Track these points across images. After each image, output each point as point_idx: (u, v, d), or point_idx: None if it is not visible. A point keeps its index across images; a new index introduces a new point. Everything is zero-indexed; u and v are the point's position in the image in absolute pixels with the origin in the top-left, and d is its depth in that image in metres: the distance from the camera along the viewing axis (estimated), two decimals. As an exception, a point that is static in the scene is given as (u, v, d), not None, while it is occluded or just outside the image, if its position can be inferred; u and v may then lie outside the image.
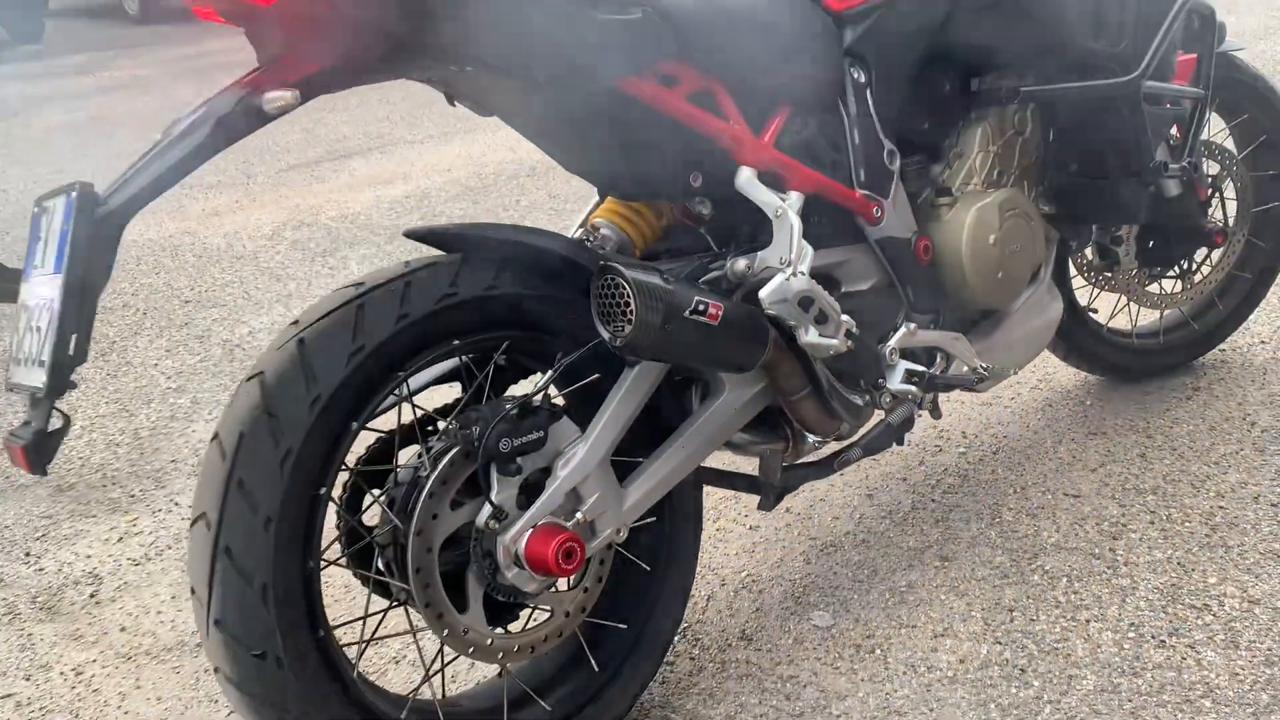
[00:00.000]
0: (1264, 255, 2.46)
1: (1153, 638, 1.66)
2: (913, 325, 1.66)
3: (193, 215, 4.50)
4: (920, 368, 1.63)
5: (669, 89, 1.39)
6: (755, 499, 1.89)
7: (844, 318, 1.47)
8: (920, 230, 1.68)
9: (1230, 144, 2.43)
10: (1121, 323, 2.45)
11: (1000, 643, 1.68)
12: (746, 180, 1.46)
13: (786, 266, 1.41)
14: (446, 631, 1.30)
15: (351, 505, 1.37)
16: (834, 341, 1.45)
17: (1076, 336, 2.31)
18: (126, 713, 1.67)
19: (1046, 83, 1.80)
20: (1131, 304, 2.38)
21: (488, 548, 1.31)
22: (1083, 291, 2.38)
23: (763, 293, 1.39)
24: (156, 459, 2.47)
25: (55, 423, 1.10)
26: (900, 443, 1.70)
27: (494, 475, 1.30)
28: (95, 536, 2.16)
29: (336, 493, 1.31)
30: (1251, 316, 2.62)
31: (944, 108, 1.71)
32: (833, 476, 2.17)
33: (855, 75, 1.59)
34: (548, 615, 1.40)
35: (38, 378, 1.08)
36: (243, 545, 1.17)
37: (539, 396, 1.33)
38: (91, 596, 1.97)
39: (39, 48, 10.60)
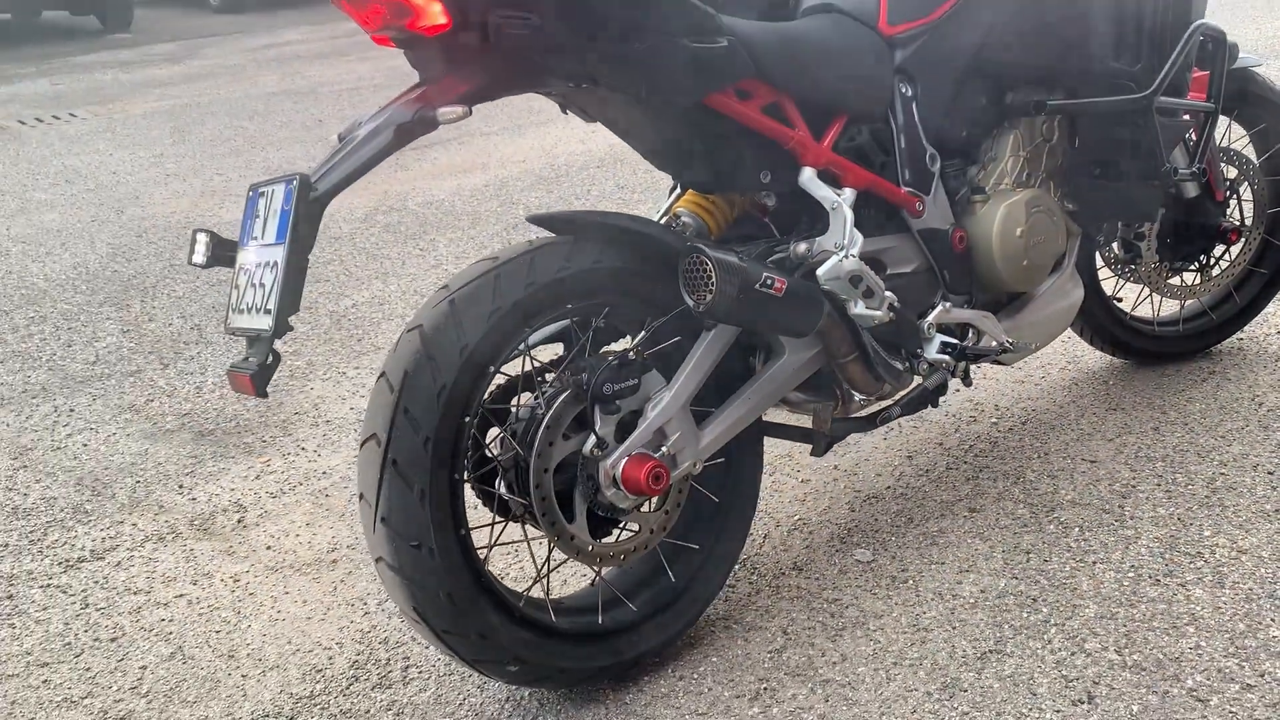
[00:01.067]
0: (1279, 253, 2.70)
1: (1149, 577, 1.93)
2: (948, 304, 1.95)
3: (290, 198, 4.87)
4: (954, 340, 1.92)
5: (745, 102, 1.69)
6: (807, 458, 2.19)
7: (888, 294, 1.76)
8: (957, 223, 1.96)
9: (1250, 150, 2.67)
10: (1145, 311, 2.71)
11: (1016, 578, 1.96)
12: (808, 178, 1.75)
13: (840, 250, 1.70)
14: (558, 537, 1.62)
15: (479, 437, 1.69)
16: (878, 313, 1.74)
17: (1102, 322, 2.58)
18: (279, 612, 2.01)
19: (1071, 97, 2.07)
20: (1154, 295, 2.64)
21: (591, 471, 1.62)
22: (1109, 282, 2.64)
23: (820, 270, 1.69)
24: (281, 411, 2.82)
25: (272, 358, 1.43)
26: (935, 405, 1.99)
27: (598, 413, 1.62)
28: (235, 474, 2.51)
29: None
30: (1269, 309, 2.86)
31: (981, 117, 1.98)
32: (876, 440, 2.46)
33: (903, 90, 1.88)
34: (635, 531, 1.71)
35: (264, 322, 1.41)
36: (407, 458, 1.50)
37: (633, 352, 1.64)
38: (239, 521, 2.32)
39: (129, 36, 11.12)
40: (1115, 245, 2.53)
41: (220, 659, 1.89)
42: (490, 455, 1.67)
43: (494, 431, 1.70)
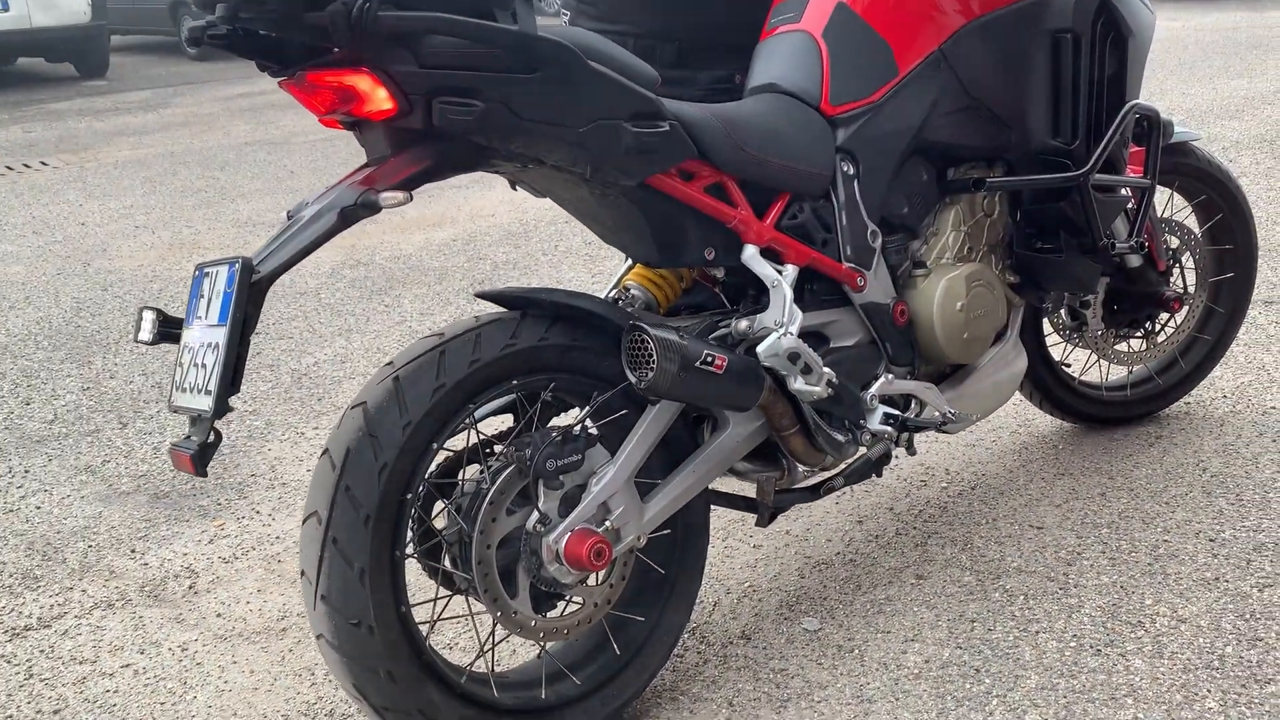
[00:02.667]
0: (1222, 319, 2.76)
1: (1090, 647, 1.96)
2: (890, 376, 1.98)
3: (254, 251, 4.88)
4: (896, 411, 1.95)
5: (689, 182, 1.73)
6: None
7: (825, 370, 1.79)
8: (899, 296, 2.01)
9: (1192, 221, 2.75)
10: (1094, 376, 2.76)
11: (961, 647, 1.98)
12: (750, 256, 1.79)
13: (779, 328, 1.74)
14: (500, 613, 1.63)
15: (424, 511, 1.71)
16: (816, 389, 1.77)
17: (1050, 387, 2.63)
18: (226, 683, 2.00)
19: (1010, 173, 2.13)
20: (1101, 360, 2.69)
21: (534, 547, 1.64)
22: (1059, 347, 2.69)
23: (759, 348, 1.72)
24: (238, 473, 2.82)
25: (213, 437, 1.45)
26: (879, 475, 2.02)
27: (541, 489, 1.64)
28: (189, 538, 2.51)
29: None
30: (1214, 373, 2.92)
31: (922, 193, 2.03)
32: (828, 504, 2.49)
33: (845, 168, 1.93)
34: (580, 605, 1.72)
35: (204, 403, 1.42)
36: (347, 536, 1.51)
37: (578, 427, 1.66)
38: (190, 587, 2.31)
39: (105, 83, 11.16)
40: (1063, 312, 2.58)
41: (164, 732, 1.88)
42: (434, 530, 1.68)
43: (440, 504, 1.72)
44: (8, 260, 4.93)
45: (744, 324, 1.77)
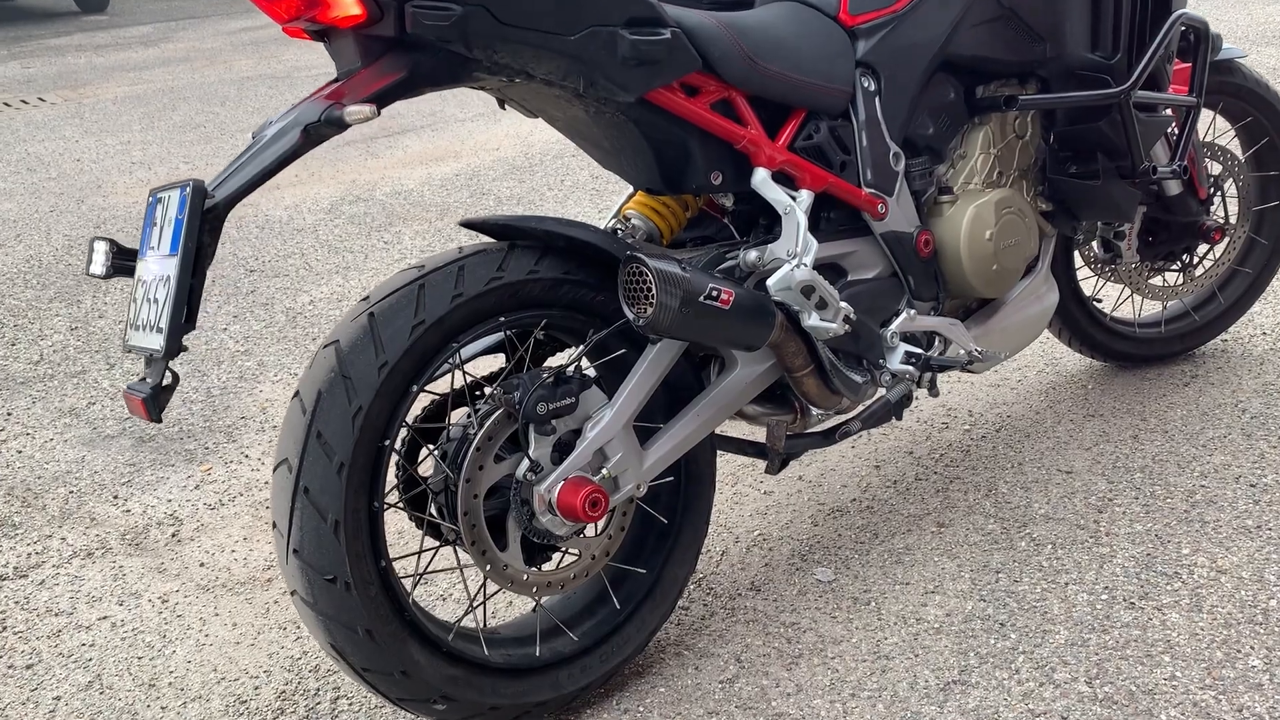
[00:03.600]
0: (1265, 251, 2.59)
1: (1124, 600, 1.83)
2: (913, 311, 1.84)
3: (255, 188, 4.74)
4: (918, 350, 1.81)
5: (693, 98, 1.57)
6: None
7: (842, 304, 1.65)
8: (923, 225, 1.85)
9: (1235, 146, 2.57)
10: (1126, 312, 2.60)
11: (984, 600, 1.86)
12: (761, 180, 1.64)
13: (792, 258, 1.59)
14: (489, 566, 1.51)
15: (409, 457, 1.59)
16: (833, 325, 1.63)
17: (1080, 324, 2.47)
18: (207, 635, 1.90)
19: (1044, 91, 1.96)
20: (1135, 295, 2.53)
21: (525, 496, 1.51)
22: (1089, 282, 2.53)
23: (770, 281, 1.58)
24: (227, 416, 2.70)
25: (168, 379, 1.32)
26: (899, 418, 1.88)
27: (532, 434, 1.51)
28: (174, 484, 2.40)
29: (396, 446, 1.52)
30: (1254, 308, 2.76)
31: (949, 113, 1.87)
32: (843, 448, 2.36)
33: (865, 84, 1.76)
34: (576, 557, 1.61)
35: (156, 341, 1.29)
36: (319, 486, 1.39)
37: (572, 368, 1.53)
38: (173, 535, 2.21)
39: (105, 18, 10.93)
40: (1095, 244, 2.42)
41: (140, 689, 1.78)
42: (419, 478, 1.56)
43: (425, 451, 1.59)
44: (0, 197, 4.80)
45: (753, 254, 1.62)
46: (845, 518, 2.13)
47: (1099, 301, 2.53)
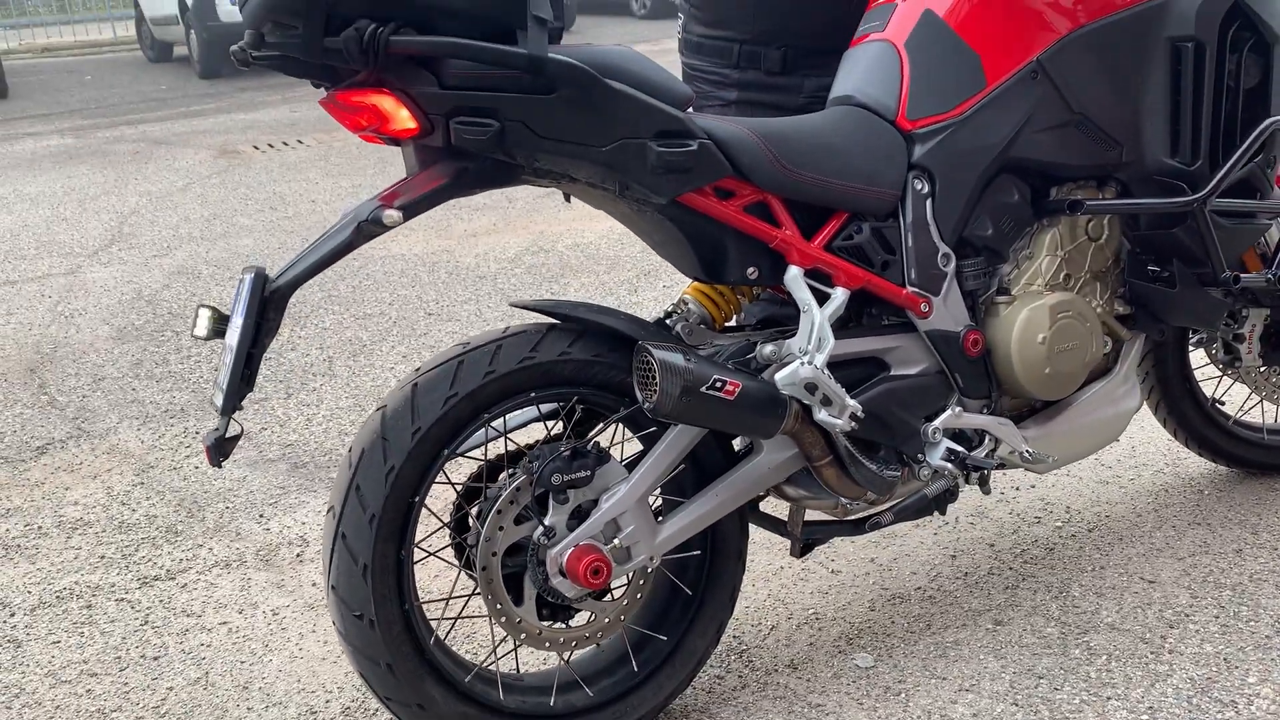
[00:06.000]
0: None
1: (1165, 723, 1.78)
2: (959, 409, 1.86)
3: (455, 234, 5.15)
4: (959, 448, 1.83)
5: (726, 201, 1.69)
6: (844, 545, 2.13)
7: (850, 402, 1.71)
8: (977, 324, 1.87)
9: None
10: (1255, 416, 2.47)
11: (1018, 704, 1.85)
12: (793, 277, 1.73)
13: (804, 354, 1.67)
14: (503, 618, 1.66)
15: (460, 510, 1.77)
16: (838, 421, 1.69)
17: (1197, 426, 2.38)
18: (301, 649, 2.15)
19: (1124, 193, 1.93)
20: (1261, 399, 2.40)
21: (541, 557, 1.66)
22: (1212, 383, 2.43)
23: (777, 375, 1.66)
24: (372, 450, 3.00)
25: (233, 430, 1.56)
26: (942, 513, 1.90)
27: (550, 501, 1.66)
28: (312, 508, 2.70)
29: (452, 499, 1.71)
30: None
31: (1012, 214, 1.88)
32: (924, 535, 2.37)
33: (918, 186, 1.82)
34: (591, 618, 1.74)
35: (218, 399, 1.54)
36: (354, 532, 1.59)
37: (590, 444, 1.67)
38: (298, 555, 2.49)
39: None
40: (1218, 344, 2.33)
41: (236, 689, 2.04)
42: (451, 532, 1.73)
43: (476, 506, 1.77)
44: (241, 232, 5.43)
45: (769, 349, 1.71)
46: (904, 605, 2.15)
47: (1221, 404, 2.42)
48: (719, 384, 1.59)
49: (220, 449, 1.54)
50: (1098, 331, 1.92)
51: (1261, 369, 2.34)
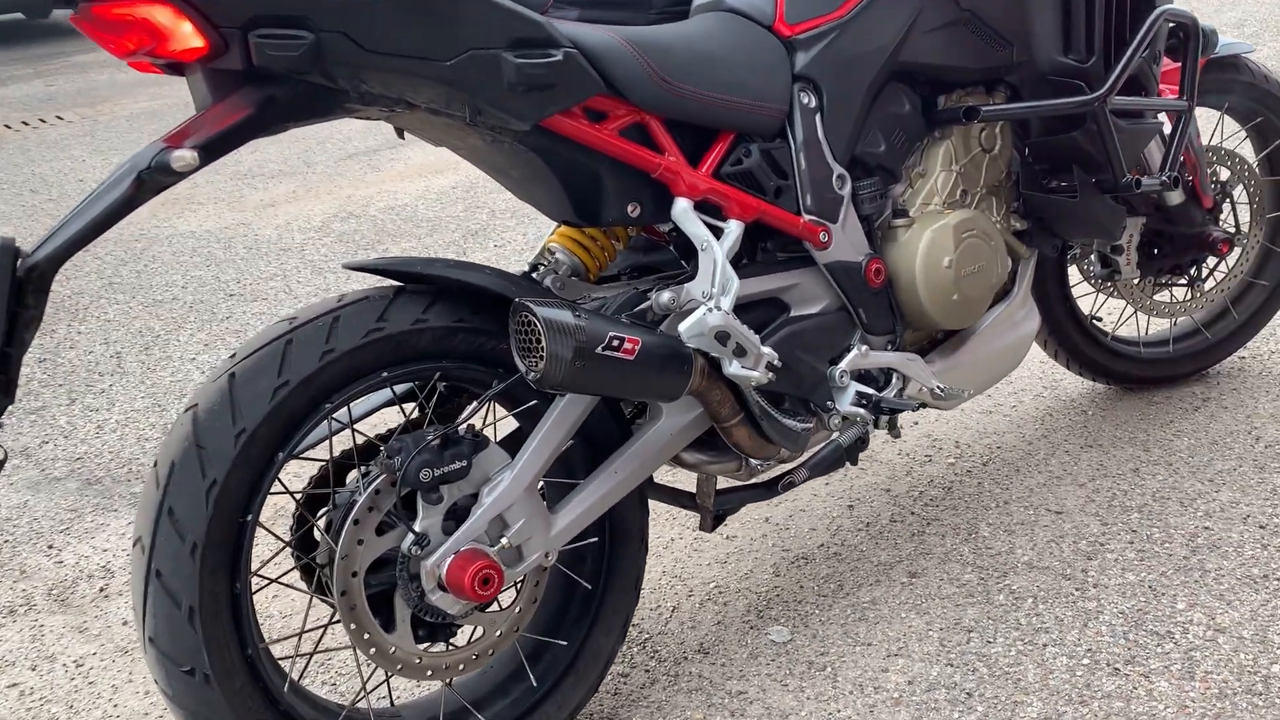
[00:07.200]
0: (1282, 261, 2.38)
1: (1108, 665, 1.65)
2: (865, 348, 1.67)
3: (250, 205, 4.65)
4: (870, 390, 1.64)
5: (599, 124, 1.42)
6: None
7: (765, 351, 1.48)
8: (876, 252, 1.68)
9: (1246, 148, 2.36)
10: (1129, 331, 2.40)
11: (952, 664, 1.69)
12: (681, 211, 1.48)
13: (708, 300, 1.43)
14: (373, 649, 1.37)
15: (303, 521, 1.45)
16: (754, 373, 1.47)
17: (1077, 345, 2.28)
18: (116, 705, 1.78)
19: (1014, 99, 1.78)
20: (1138, 313, 2.33)
21: (413, 571, 1.37)
22: (1090, 298, 2.34)
23: (680, 326, 1.42)
24: (180, 454, 2.59)
25: (-9, 455, 1.19)
26: (854, 463, 1.71)
27: (419, 503, 1.36)
28: (114, 531, 2.29)
29: (292, 511, 1.39)
30: (1273, 323, 2.54)
31: (904, 128, 1.70)
32: (816, 485, 2.19)
33: (804, 100, 1.60)
34: (479, 634, 1.46)
35: (-32, 417, 1.17)
36: (171, 569, 1.25)
37: (463, 427, 1.38)
38: (101, 591, 2.09)
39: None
40: (1093, 258, 2.23)
41: (36, 767, 1.67)
42: (294, 552, 1.42)
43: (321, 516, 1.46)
44: (-3, 221, 4.77)
45: (666, 296, 1.46)
46: (810, 566, 1.96)
47: (1098, 320, 2.34)
48: (616, 342, 1.33)
49: (-23, 482, 1.17)
50: (1002, 250, 1.76)
51: (1136, 281, 2.26)
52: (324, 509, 1.44)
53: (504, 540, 1.40)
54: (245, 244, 4.14)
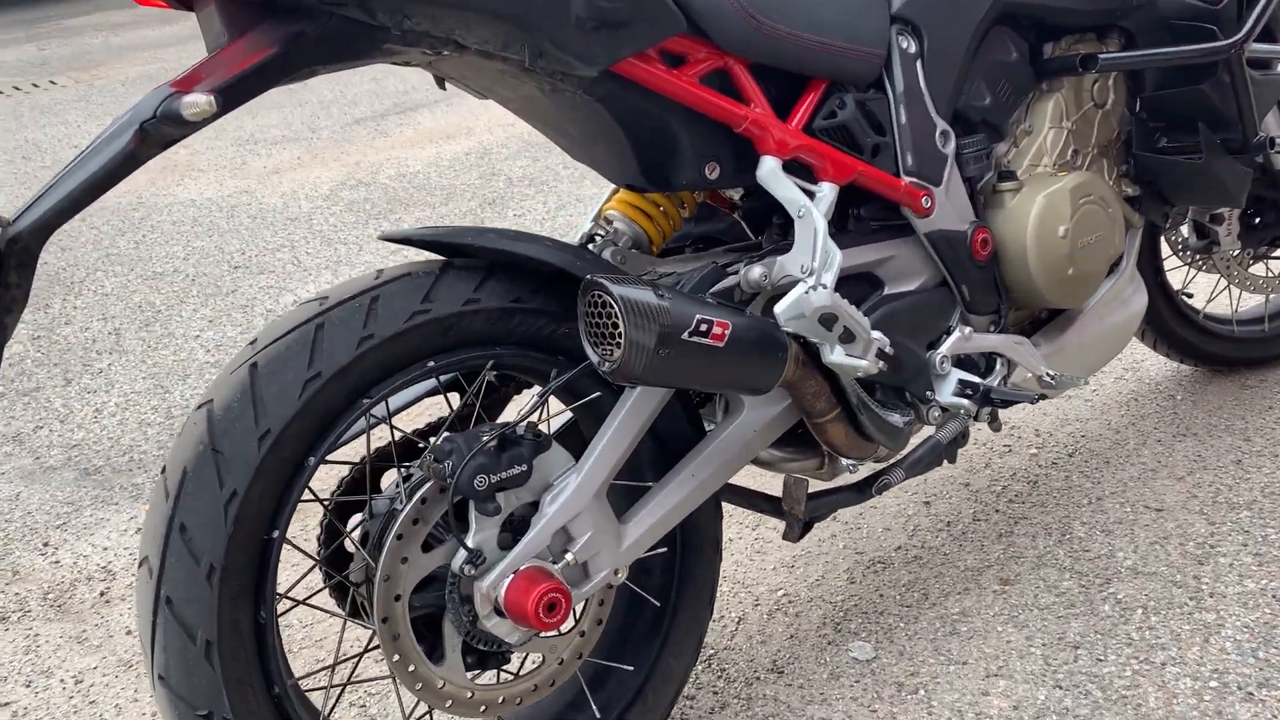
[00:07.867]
0: (1393, 233, 2.17)
1: (1238, 688, 1.46)
2: (968, 329, 1.47)
3: (253, 173, 4.44)
4: (975, 379, 1.44)
5: (676, 70, 1.21)
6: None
7: (875, 334, 1.28)
8: (979, 221, 1.48)
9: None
10: (1221, 308, 2.20)
11: (1061, 687, 1.50)
12: (769, 173, 1.27)
13: (809, 276, 1.23)
14: (419, 685, 1.17)
15: (333, 533, 1.25)
16: (862, 362, 1.26)
17: (1167, 323, 2.08)
18: (120, 728, 1.60)
19: (1130, 47, 1.56)
20: (1233, 287, 2.13)
21: (465, 593, 1.17)
22: (1177, 272, 2.14)
23: (778, 308, 1.21)
24: (186, 441, 2.39)
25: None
26: (952, 460, 1.51)
27: (471, 513, 1.16)
28: (114, 526, 2.10)
29: (317, 519, 1.19)
30: (1374, 299, 2.34)
31: (1011, 78, 1.49)
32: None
33: (903, 45, 1.39)
34: (539, 662, 1.27)
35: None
36: (184, 596, 1.06)
37: (522, 425, 1.18)
38: (101, 595, 1.90)
39: (126, -4, 10.70)
40: (1185, 229, 2.03)
41: (30, 803, 1.48)
42: (325, 569, 1.22)
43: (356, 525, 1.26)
44: (-12, 189, 4.55)
45: (758, 271, 1.26)
46: (889, 571, 1.77)
47: (1190, 296, 2.13)
48: (705, 326, 1.12)
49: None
50: (1119, 219, 1.55)
51: (1235, 253, 2.06)
52: (357, 516, 1.24)
53: (569, 556, 1.20)
54: (249, 213, 3.93)
